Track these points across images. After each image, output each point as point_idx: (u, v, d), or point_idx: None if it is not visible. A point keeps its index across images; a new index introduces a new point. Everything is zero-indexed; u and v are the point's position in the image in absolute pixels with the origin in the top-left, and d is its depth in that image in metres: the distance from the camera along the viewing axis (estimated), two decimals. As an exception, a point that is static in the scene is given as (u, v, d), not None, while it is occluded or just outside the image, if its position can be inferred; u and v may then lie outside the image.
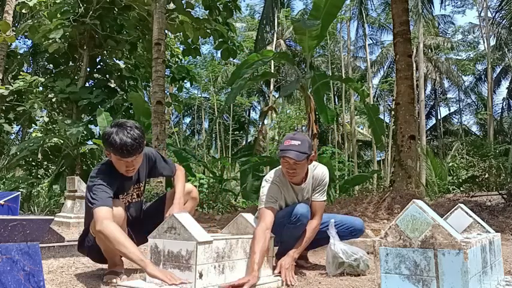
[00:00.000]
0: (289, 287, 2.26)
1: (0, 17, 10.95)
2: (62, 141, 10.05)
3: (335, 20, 15.17)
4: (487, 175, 8.15)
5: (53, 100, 10.83)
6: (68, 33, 9.70)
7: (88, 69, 10.91)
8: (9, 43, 10.54)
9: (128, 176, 2.32)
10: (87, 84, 10.91)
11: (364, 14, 21.75)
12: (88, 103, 9.86)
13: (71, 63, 11.44)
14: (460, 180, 10.46)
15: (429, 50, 24.91)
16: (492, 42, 22.65)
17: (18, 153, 10.34)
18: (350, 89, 20.29)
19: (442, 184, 10.50)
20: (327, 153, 15.65)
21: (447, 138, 26.83)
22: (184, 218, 2.03)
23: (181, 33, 10.27)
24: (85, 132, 9.64)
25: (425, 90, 23.82)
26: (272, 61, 13.35)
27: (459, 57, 27.03)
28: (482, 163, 8.39)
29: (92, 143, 9.57)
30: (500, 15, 20.64)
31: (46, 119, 11.68)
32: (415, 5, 20.58)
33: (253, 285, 2.03)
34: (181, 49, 12.24)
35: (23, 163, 11.07)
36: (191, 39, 10.05)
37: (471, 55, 26.49)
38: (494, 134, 21.04)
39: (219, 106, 23.43)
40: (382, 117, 11.22)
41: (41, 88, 10.88)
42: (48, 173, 10.85)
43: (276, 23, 21.64)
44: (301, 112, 19.56)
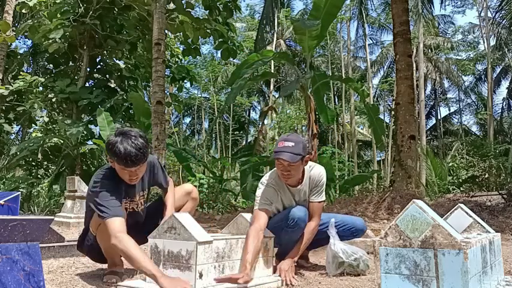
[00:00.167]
0: (289, 287, 2.27)
1: (0, 17, 10.95)
2: (62, 141, 10.05)
3: (335, 20, 15.16)
4: (487, 175, 8.16)
5: (53, 100, 10.82)
6: (68, 33, 9.69)
7: (88, 69, 10.90)
8: (9, 43, 10.53)
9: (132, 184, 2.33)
10: (87, 84, 10.89)
11: (364, 14, 21.75)
12: (88, 103, 9.85)
13: (71, 63, 11.42)
14: (460, 180, 10.46)
15: (429, 50, 24.90)
16: (492, 42, 22.67)
17: (18, 153, 10.33)
18: (350, 89, 20.29)
19: (442, 184, 10.50)
20: (327, 153, 15.63)
21: (447, 138, 26.83)
22: (184, 218, 2.04)
23: (181, 33, 10.25)
24: (85, 132, 9.63)
25: (425, 90, 23.82)
26: (272, 61, 13.34)
27: (459, 57, 27.05)
28: (482, 163, 8.40)
29: (92, 143, 9.56)
30: (500, 15, 20.65)
31: (46, 119, 11.67)
32: (415, 5, 20.58)
33: (246, 282, 2.01)
34: (181, 49, 12.23)
35: (23, 163, 11.06)
36: (191, 39, 10.04)
37: (471, 55, 26.50)
38: (494, 134, 21.04)
39: (219, 106, 23.42)
40: (382, 117, 11.23)
41: (41, 88, 10.86)
42: (48, 173, 10.84)
43: (276, 23, 21.63)
44: (301, 112, 19.55)
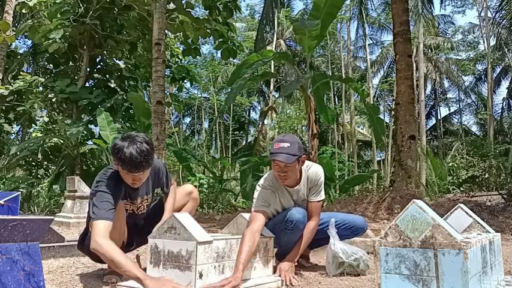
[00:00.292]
0: (288, 287, 2.27)
1: (0, 17, 10.95)
2: (62, 141, 10.04)
3: (335, 20, 15.16)
4: (487, 175, 8.15)
5: (53, 100, 10.81)
6: (68, 33, 9.69)
7: (88, 69, 10.89)
8: (9, 43, 10.52)
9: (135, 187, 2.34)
10: (87, 84, 10.88)
11: (364, 14, 21.75)
12: (88, 103, 9.85)
13: (71, 63, 11.41)
14: (460, 180, 10.46)
15: (429, 50, 24.90)
16: (492, 42, 22.68)
17: (18, 153, 10.32)
18: (350, 89, 20.29)
19: (442, 184, 10.50)
20: (327, 153, 15.63)
21: (447, 138, 26.84)
22: (184, 218, 2.04)
23: (181, 33, 10.25)
24: (85, 132, 9.62)
25: (425, 90, 23.82)
26: (272, 61, 13.34)
27: (459, 57, 27.06)
28: (482, 163, 8.39)
29: (92, 143, 9.55)
30: (500, 15, 20.66)
31: (46, 119, 11.66)
32: (415, 5, 20.58)
33: (234, 286, 1.97)
34: (181, 49, 12.23)
35: (23, 163, 11.05)
36: (191, 39, 10.03)
37: (471, 55, 26.50)
38: (494, 134, 21.04)
39: (219, 106, 23.42)
40: (382, 117, 11.21)
41: (41, 88, 10.86)
42: (48, 173, 10.83)
43: (276, 23, 21.64)
44: (301, 112, 19.55)
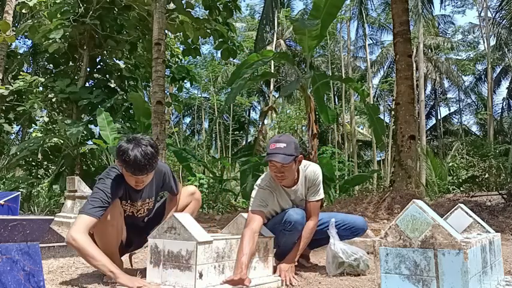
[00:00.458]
0: (288, 287, 2.26)
1: (0, 17, 10.95)
2: (62, 141, 10.04)
3: (335, 20, 15.16)
4: (487, 175, 8.14)
5: (53, 100, 10.81)
6: (68, 33, 9.68)
7: (88, 69, 10.88)
8: (9, 43, 10.53)
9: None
10: (87, 84, 10.88)
11: (364, 14, 21.75)
12: (88, 103, 9.85)
13: (71, 63, 11.41)
14: (460, 180, 10.44)
15: (429, 50, 24.91)
16: (492, 42, 22.68)
17: (18, 153, 10.32)
18: (350, 89, 20.29)
19: (442, 184, 10.49)
20: (327, 153, 15.63)
21: (447, 138, 26.83)
22: (184, 218, 2.04)
23: (181, 33, 10.25)
24: (85, 132, 9.62)
25: (425, 90, 23.82)
26: (272, 61, 13.33)
27: (459, 57, 27.06)
28: (482, 163, 8.38)
29: (92, 143, 9.56)
30: (500, 15, 20.66)
31: (46, 119, 11.65)
32: (415, 5, 20.58)
33: (249, 282, 1.99)
34: (181, 49, 12.23)
35: (23, 163, 11.05)
36: (191, 39, 10.03)
37: (471, 55, 26.51)
38: (494, 134, 21.04)
39: (219, 106, 23.42)
40: (382, 117, 11.21)
41: (41, 88, 10.85)
42: (48, 173, 10.82)
43: (276, 23, 21.64)
44: (301, 112, 19.55)
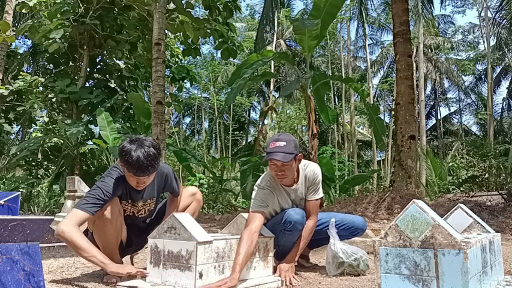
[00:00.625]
0: (288, 287, 2.26)
1: (0, 17, 10.94)
2: (62, 141, 10.04)
3: (335, 20, 15.16)
4: (487, 175, 8.13)
5: (53, 100, 10.81)
6: (68, 33, 9.68)
7: (88, 69, 10.88)
8: (9, 43, 10.53)
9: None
10: (87, 84, 10.88)
11: (364, 14, 21.75)
12: (88, 103, 9.85)
13: (71, 63, 11.40)
14: (460, 180, 10.42)
15: (429, 50, 24.90)
16: (492, 42, 22.68)
17: (18, 153, 10.32)
18: (350, 89, 20.29)
19: (442, 184, 10.47)
20: (327, 153, 15.64)
21: (447, 138, 26.84)
22: (184, 218, 2.03)
23: (181, 33, 10.25)
24: (85, 132, 9.62)
25: (425, 90, 23.82)
26: (272, 61, 13.34)
27: (459, 57, 27.08)
28: (482, 163, 8.37)
29: (92, 143, 9.56)
30: (500, 15, 20.66)
31: (46, 119, 11.65)
32: (415, 5, 20.58)
33: (231, 287, 1.95)
34: (181, 49, 12.23)
35: (23, 163, 11.05)
36: (191, 39, 10.03)
37: (471, 55, 26.53)
38: (494, 134, 21.04)
39: (219, 106, 23.43)
40: (382, 117, 11.22)
41: (41, 88, 10.85)
42: (48, 173, 10.82)
43: (276, 23, 21.64)
44: (301, 112, 19.56)
